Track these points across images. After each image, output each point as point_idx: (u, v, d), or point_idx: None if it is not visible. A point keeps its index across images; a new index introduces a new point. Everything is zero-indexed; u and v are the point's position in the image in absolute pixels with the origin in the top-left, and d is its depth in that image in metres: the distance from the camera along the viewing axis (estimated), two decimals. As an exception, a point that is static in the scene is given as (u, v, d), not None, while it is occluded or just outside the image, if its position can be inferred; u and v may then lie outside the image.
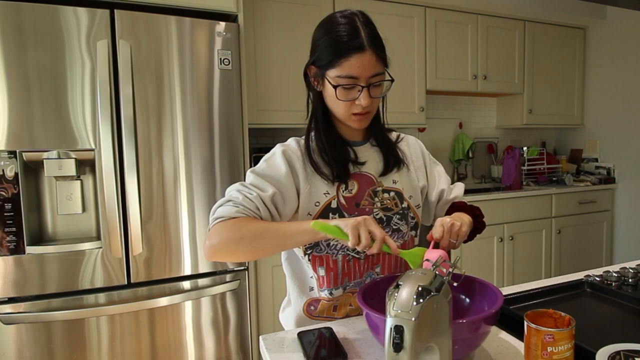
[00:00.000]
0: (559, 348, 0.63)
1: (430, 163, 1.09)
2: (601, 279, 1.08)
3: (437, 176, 1.08)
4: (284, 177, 0.91)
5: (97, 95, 1.57)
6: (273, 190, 0.88)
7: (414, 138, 1.11)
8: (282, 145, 0.97)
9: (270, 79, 2.27)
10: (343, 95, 0.87)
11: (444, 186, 1.06)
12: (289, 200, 0.91)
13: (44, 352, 1.56)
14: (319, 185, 0.93)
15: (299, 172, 0.93)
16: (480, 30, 2.87)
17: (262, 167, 0.93)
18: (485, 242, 2.69)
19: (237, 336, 1.85)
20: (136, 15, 1.62)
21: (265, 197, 0.87)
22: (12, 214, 1.50)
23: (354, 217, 0.79)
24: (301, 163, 0.94)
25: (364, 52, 0.85)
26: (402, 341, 0.54)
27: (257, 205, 0.86)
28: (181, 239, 1.73)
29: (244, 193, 0.87)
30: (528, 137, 3.54)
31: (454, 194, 1.07)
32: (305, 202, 0.93)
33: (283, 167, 0.92)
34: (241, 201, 0.86)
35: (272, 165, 0.93)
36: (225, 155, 1.79)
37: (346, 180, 0.95)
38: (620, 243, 3.15)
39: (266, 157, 0.96)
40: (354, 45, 0.84)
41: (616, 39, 3.09)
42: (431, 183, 1.07)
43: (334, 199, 0.93)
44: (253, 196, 0.86)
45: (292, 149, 0.96)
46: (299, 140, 0.99)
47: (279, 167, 0.92)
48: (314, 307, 0.99)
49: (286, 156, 0.93)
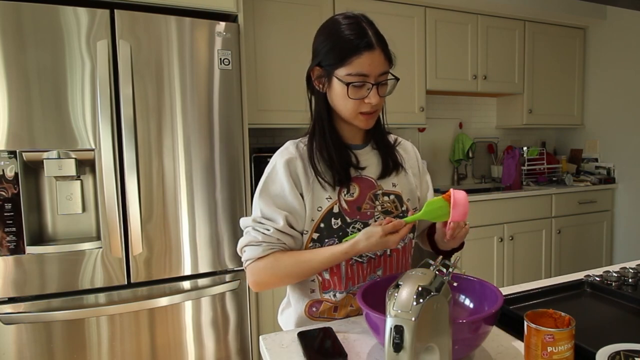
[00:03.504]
0: (559, 348, 0.63)
1: (423, 172, 1.11)
2: (601, 279, 1.08)
3: (426, 185, 1.11)
4: (288, 194, 0.92)
5: (97, 95, 1.57)
6: (284, 216, 0.91)
7: (410, 144, 1.12)
8: (282, 154, 0.96)
9: (270, 79, 2.27)
10: (353, 93, 0.87)
11: (431, 196, 1.10)
12: (299, 215, 0.93)
13: (44, 352, 1.56)
14: (320, 190, 0.93)
15: (302, 178, 0.93)
16: (480, 30, 2.87)
17: (266, 190, 0.93)
18: (485, 242, 2.69)
19: (237, 336, 1.85)
20: (136, 15, 1.62)
21: (281, 228, 0.91)
22: (12, 214, 1.50)
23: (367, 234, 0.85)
24: (302, 168, 0.94)
25: (373, 50, 0.86)
26: (402, 341, 0.55)
27: (277, 237, 0.91)
28: (181, 239, 1.73)
29: (261, 231, 0.91)
30: (528, 137, 3.54)
31: None
32: (309, 207, 0.93)
33: (286, 183, 0.92)
34: (261, 240, 0.90)
35: (275, 182, 0.93)
36: (225, 155, 1.79)
37: (348, 185, 0.95)
38: (620, 243, 3.15)
39: (268, 172, 0.95)
40: (363, 43, 0.85)
41: (616, 39, 3.09)
42: (423, 191, 1.10)
43: (335, 203, 0.93)
44: (271, 232, 0.90)
45: (292, 155, 0.95)
46: (297, 143, 0.98)
47: (281, 184, 0.92)
48: (316, 308, 0.99)
49: (288, 168, 0.93)
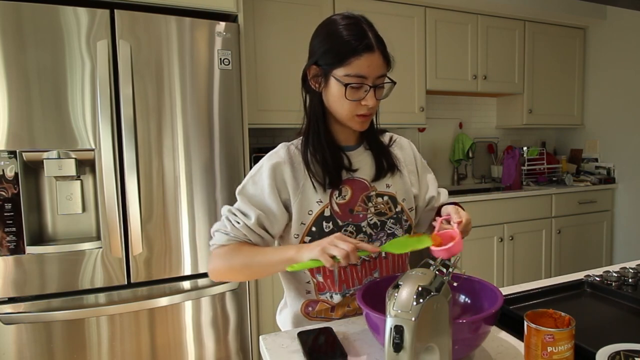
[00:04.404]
0: (559, 348, 0.63)
1: (422, 169, 1.08)
2: (601, 279, 1.08)
3: (428, 183, 1.08)
4: (267, 197, 0.91)
5: (97, 95, 1.57)
6: (256, 214, 0.91)
7: (407, 141, 1.10)
8: (270, 157, 0.95)
9: (270, 79, 2.27)
10: (351, 94, 0.87)
11: (434, 193, 1.07)
12: (274, 219, 0.92)
13: (44, 352, 1.56)
14: (310, 193, 0.92)
15: (288, 182, 0.92)
16: (480, 30, 2.86)
17: (247, 188, 0.94)
18: (485, 242, 2.69)
19: (237, 336, 1.85)
20: (136, 15, 1.62)
21: (250, 225, 0.91)
22: (12, 214, 1.50)
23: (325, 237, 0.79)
24: (290, 173, 0.92)
25: (373, 52, 0.85)
26: (402, 341, 0.54)
27: (244, 233, 0.91)
28: (181, 239, 1.73)
29: (232, 221, 0.92)
30: (528, 137, 3.54)
31: (441, 200, 1.08)
32: (298, 211, 0.92)
33: (266, 186, 0.91)
34: (229, 230, 0.91)
35: (257, 184, 0.93)
36: (225, 155, 1.79)
37: (339, 187, 0.94)
38: (620, 243, 3.15)
39: (252, 173, 0.95)
40: (363, 44, 0.84)
41: (616, 39, 3.09)
42: (422, 189, 1.07)
43: (327, 206, 0.92)
44: (240, 225, 0.91)
45: (281, 159, 0.93)
46: (288, 146, 0.97)
47: (262, 187, 0.92)
48: (312, 307, 0.99)
49: (273, 171, 0.92)
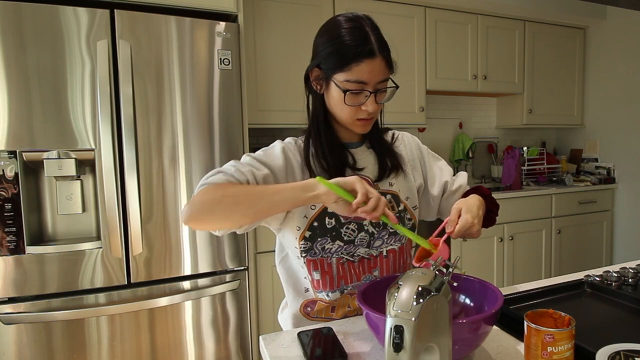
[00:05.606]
0: (559, 348, 0.63)
1: (430, 158, 1.07)
2: (601, 279, 1.08)
3: (439, 170, 1.06)
4: (279, 168, 0.90)
5: (97, 95, 1.57)
6: (267, 171, 0.88)
7: (409, 135, 1.09)
8: (282, 142, 0.96)
9: (270, 79, 2.27)
10: (350, 100, 0.86)
11: (447, 178, 1.05)
12: (281, 181, 0.90)
13: (44, 352, 1.56)
14: None
15: (296, 172, 0.93)
16: (480, 30, 2.86)
17: (259, 154, 0.93)
18: (485, 242, 2.69)
19: (237, 336, 1.85)
20: (136, 15, 1.62)
21: (258, 175, 0.86)
22: (12, 214, 1.50)
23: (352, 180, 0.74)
24: (299, 164, 0.94)
25: (374, 58, 0.84)
26: (402, 341, 0.54)
27: (248, 178, 0.84)
28: (181, 239, 1.73)
29: (237, 167, 0.86)
30: (528, 137, 3.54)
31: (457, 183, 1.05)
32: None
33: (280, 159, 0.91)
34: (233, 172, 0.84)
35: (270, 155, 0.92)
36: (225, 155, 1.79)
37: None
38: (620, 243, 3.15)
39: (265, 148, 0.95)
40: (365, 50, 0.83)
41: (616, 39, 3.09)
42: (431, 178, 1.05)
43: None
44: (246, 170, 0.85)
45: (292, 148, 0.95)
46: (297, 141, 0.98)
47: (276, 158, 0.92)
48: (310, 307, 0.99)
49: (285, 153, 0.93)
